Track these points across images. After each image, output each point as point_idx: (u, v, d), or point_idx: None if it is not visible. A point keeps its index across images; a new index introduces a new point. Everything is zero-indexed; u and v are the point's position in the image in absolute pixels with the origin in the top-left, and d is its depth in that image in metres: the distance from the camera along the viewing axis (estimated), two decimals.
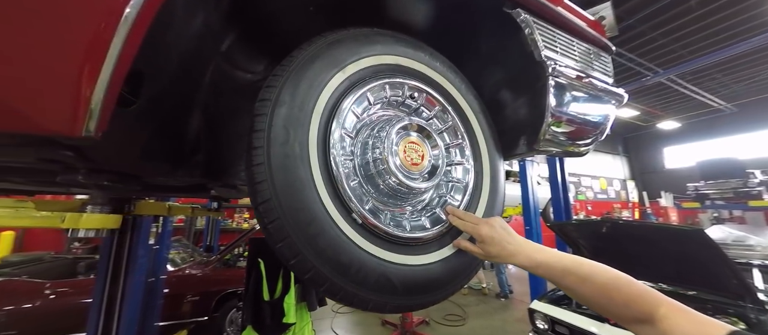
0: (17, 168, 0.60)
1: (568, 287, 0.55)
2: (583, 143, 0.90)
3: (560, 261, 0.56)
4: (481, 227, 0.62)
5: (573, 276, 0.54)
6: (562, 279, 0.55)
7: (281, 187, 0.48)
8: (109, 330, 2.29)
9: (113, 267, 2.34)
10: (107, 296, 2.31)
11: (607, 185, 14.50)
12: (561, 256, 0.57)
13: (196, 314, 3.67)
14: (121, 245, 2.37)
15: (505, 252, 0.59)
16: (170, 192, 1.20)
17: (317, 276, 0.49)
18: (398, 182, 0.60)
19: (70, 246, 5.59)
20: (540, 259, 0.58)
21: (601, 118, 0.88)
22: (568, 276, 0.55)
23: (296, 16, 0.86)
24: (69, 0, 0.37)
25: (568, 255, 0.58)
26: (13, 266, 3.64)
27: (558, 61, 0.77)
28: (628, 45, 7.55)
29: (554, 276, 0.56)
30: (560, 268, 0.56)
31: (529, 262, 0.58)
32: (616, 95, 0.90)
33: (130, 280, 2.41)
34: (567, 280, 0.55)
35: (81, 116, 0.38)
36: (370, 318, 4.74)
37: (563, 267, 0.55)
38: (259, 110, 0.52)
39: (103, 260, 2.36)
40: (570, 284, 0.55)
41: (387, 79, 0.65)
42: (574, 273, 0.54)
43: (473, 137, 0.76)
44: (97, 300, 2.29)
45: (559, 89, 0.76)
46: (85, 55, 0.37)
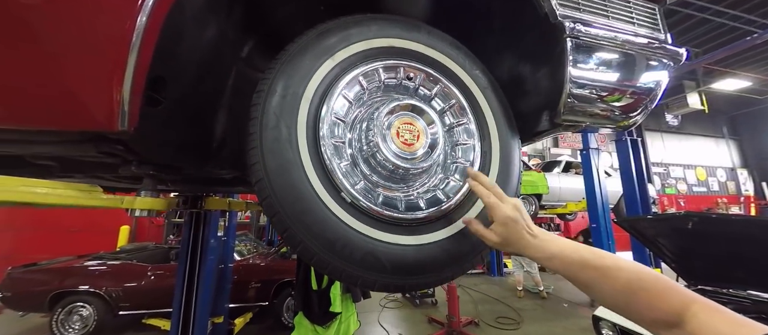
0: (89, 162, 0.78)
1: (586, 283, 0.47)
2: (626, 113, 0.77)
3: (577, 251, 0.48)
4: (505, 205, 0.53)
5: (593, 269, 0.46)
6: (580, 273, 0.47)
7: (271, 168, 0.52)
8: (189, 306, 2.73)
9: (191, 254, 2.78)
10: (187, 278, 2.76)
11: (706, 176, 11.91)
12: (578, 247, 0.49)
13: (259, 299, 4.13)
14: (197, 236, 2.81)
15: (522, 239, 0.51)
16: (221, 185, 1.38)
17: (305, 250, 0.52)
18: (390, 162, 0.60)
19: (167, 238, 6.81)
20: (555, 250, 0.50)
21: (647, 82, 0.74)
22: (587, 269, 0.47)
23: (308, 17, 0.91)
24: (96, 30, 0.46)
25: (585, 245, 0.50)
26: (127, 252, 4.57)
27: (581, 19, 0.67)
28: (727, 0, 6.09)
29: (572, 269, 0.48)
30: (578, 260, 0.47)
31: (542, 253, 0.50)
32: (668, 52, 0.75)
33: (204, 266, 2.84)
34: (586, 274, 0.47)
35: (116, 114, 0.48)
36: (417, 315, 4.72)
37: (581, 259, 0.47)
38: (254, 100, 0.57)
39: (183, 248, 2.83)
40: (589, 279, 0.47)
41: (379, 62, 0.66)
42: (595, 266, 0.46)
43: (480, 114, 0.71)
44: (179, 281, 2.74)
45: (582, 52, 0.67)
46: (113, 68, 0.47)
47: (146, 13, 0.46)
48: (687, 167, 11.67)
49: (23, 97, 0.45)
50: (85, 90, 0.47)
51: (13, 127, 0.47)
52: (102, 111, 0.48)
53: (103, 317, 3.80)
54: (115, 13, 0.45)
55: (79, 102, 0.47)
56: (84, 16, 0.45)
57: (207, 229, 2.86)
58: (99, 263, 4.04)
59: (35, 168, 0.90)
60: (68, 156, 0.79)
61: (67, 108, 0.48)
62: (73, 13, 0.44)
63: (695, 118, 11.15)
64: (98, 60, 0.46)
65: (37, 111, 0.46)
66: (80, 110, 0.48)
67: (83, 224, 6.18)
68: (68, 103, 0.47)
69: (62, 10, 0.44)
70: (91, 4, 0.45)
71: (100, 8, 0.45)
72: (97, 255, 4.25)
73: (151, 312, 3.97)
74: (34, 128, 0.50)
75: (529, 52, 0.81)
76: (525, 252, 0.52)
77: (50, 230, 5.97)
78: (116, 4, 0.46)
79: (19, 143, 0.57)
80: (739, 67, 8.71)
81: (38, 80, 0.45)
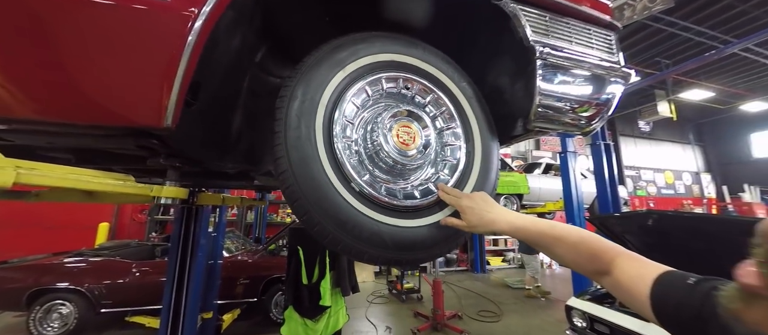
0: (120, 154, 0.85)
1: (545, 247, 0.61)
2: (586, 121, 0.92)
3: (536, 224, 0.62)
4: (461, 199, 0.69)
5: (548, 237, 0.60)
6: (539, 241, 0.61)
7: (294, 161, 0.63)
8: (179, 301, 2.75)
9: (182, 249, 2.79)
10: (177, 273, 2.77)
11: (674, 179, 12.75)
12: (537, 221, 0.63)
13: (247, 295, 4.15)
14: (187, 231, 2.83)
15: (484, 220, 0.65)
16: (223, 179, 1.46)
17: (322, 230, 0.63)
18: (391, 159, 0.72)
19: (149, 235, 6.66)
20: (519, 224, 0.64)
21: (602, 96, 0.90)
22: (544, 237, 0.61)
23: (315, 27, 1.02)
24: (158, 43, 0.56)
25: (544, 220, 0.63)
26: (109, 249, 4.46)
27: (548, 43, 0.82)
28: (697, 16, 6.61)
29: (532, 238, 0.62)
30: (536, 231, 0.61)
31: (509, 227, 0.64)
32: (619, 72, 0.90)
33: (194, 261, 2.86)
34: (544, 241, 0.61)
35: (162, 114, 0.57)
36: (403, 310, 4.87)
37: (539, 230, 0.61)
38: (279, 104, 0.68)
39: (173, 243, 2.84)
40: (546, 244, 0.61)
41: (383, 73, 0.77)
42: (549, 234, 0.60)
43: (465, 120, 0.84)
44: (170, 276, 2.75)
45: (550, 70, 0.81)
46: (166, 75, 0.56)
47: (196, 31, 0.56)
48: (656, 170, 12.46)
49: (92, 97, 0.54)
50: (141, 92, 0.56)
51: (78, 122, 0.56)
52: (153, 110, 0.57)
53: (84, 315, 3.71)
54: (173, 30, 0.55)
55: (135, 102, 0.57)
56: (148, 30, 0.54)
57: (198, 225, 2.88)
58: (80, 260, 3.94)
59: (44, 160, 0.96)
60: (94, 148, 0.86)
61: (124, 106, 0.57)
62: (137, 26, 0.53)
63: (665, 125, 11.92)
64: (156, 69, 0.55)
65: (101, 109, 0.55)
66: (135, 108, 0.57)
67: (61, 221, 5.94)
68: (126, 102, 0.56)
69: (128, 24, 0.53)
70: (154, 22, 0.54)
71: (161, 25, 0.54)
72: (77, 252, 4.14)
73: (135, 309, 3.92)
74: (92, 124, 0.58)
75: (507, 69, 0.95)
76: (493, 228, 0.65)
77: (26, 227, 5.71)
78: (174, 24, 0.55)
79: (72, 136, 0.64)
80: (704, 79, 9.41)
81: (104, 83, 0.54)
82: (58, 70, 0.51)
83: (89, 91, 0.53)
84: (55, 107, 0.52)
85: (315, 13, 0.97)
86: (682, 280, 0.45)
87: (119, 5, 0.52)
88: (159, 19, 0.55)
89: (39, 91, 0.50)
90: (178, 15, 0.55)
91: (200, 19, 0.56)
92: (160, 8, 0.54)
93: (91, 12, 0.51)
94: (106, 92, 0.54)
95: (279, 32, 0.99)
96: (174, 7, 0.55)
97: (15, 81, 0.50)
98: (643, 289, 0.47)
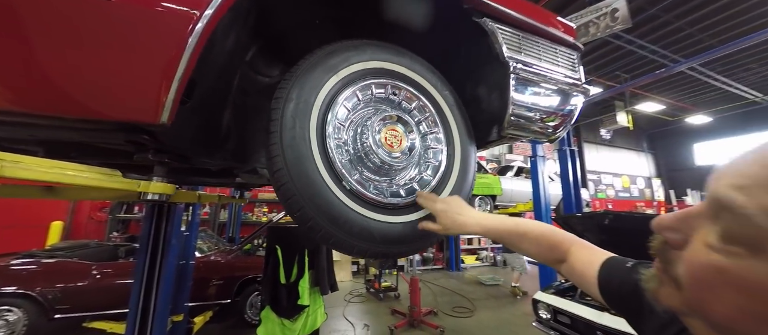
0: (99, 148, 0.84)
1: (512, 244, 0.69)
2: (552, 129, 1.03)
3: (504, 224, 0.69)
4: (436, 203, 0.74)
5: (514, 234, 0.68)
6: (507, 238, 0.69)
7: (290, 160, 0.67)
8: (148, 304, 2.62)
9: (152, 249, 2.66)
10: (147, 274, 2.63)
11: (629, 183, 13.92)
12: (504, 220, 0.70)
13: (220, 296, 4.01)
14: (158, 230, 2.69)
15: (457, 223, 0.71)
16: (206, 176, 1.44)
17: (315, 225, 0.67)
18: (379, 159, 0.77)
19: (110, 235, 6.19)
20: (488, 225, 0.70)
21: (565, 108, 1.01)
22: (511, 235, 0.68)
23: (306, 28, 1.05)
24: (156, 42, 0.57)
25: (511, 218, 0.71)
26: (65, 250, 4.12)
27: (521, 60, 0.91)
28: (651, 36, 7.27)
29: (501, 237, 0.69)
30: (504, 229, 0.69)
31: (479, 228, 0.70)
32: (580, 87, 1.02)
33: (165, 261, 2.73)
34: (511, 238, 0.68)
35: (159, 111, 0.59)
36: (381, 308, 4.94)
37: (506, 228, 0.69)
38: (274, 105, 0.71)
39: (143, 242, 2.69)
40: (513, 241, 0.68)
41: (373, 80, 0.83)
42: (514, 231, 0.68)
43: (447, 126, 0.92)
44: (138, 277, 2.61)
45: (521, 83, 0.90)
46: (164, 74, 0.57)
47: (197, 33, 0.58)
48: (615, 175, 13.54)
49: (90, 91, 0.54)
50: (140, 89, 0.57)
51: (71, 115, 0.56)
52: (150, 107, 0.58)
53: (35, 321, 3.41)
54: (176, 31, 0.56)
55: (133, 98, 0.57)
56: (153, 30, 0.55)
57: (170, 223, 2.75)
58: (30, 261, 3.61)
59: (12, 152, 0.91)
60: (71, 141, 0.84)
61: (121, 102, 0.57)
62: (142, 26, 0.54)
63: (623, 133, 12.98)
64: (157, 67, 0.56)
65: (98, 103, 0.55)
66: (132, 104, 0.58)
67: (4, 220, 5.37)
68: (124, 98, 0.57)
69: (133, 23, 0.54)
70: (160, 23, 0.56)
71: (166, 26, 0.56)
72: (27, 253, 3.78)
73: (95, 314, 3.65)
74: (85, 117, 0.59)
75: (485, 80, 1.04)
76: (465, 229, 0.71)
77: None
78: (177, 25, 0.57)
79: (58, 129, 0.63)
80: (656, 93, 10.37)
81: (104, 78, 0.54)
82: (58, 65, 0.51)
83: (88, 85, 0.54)
84: (52, 101, 0.52)
85: (306, 14, 1.01)
86: (622, 264, 0.55)
87: (124, 4, 0.53)
88: (164, 19, 0.56)
89: (39, 85, 0.50)
90: (182, 17, 0.57)
91: (202, 21, 0.58)
92: (165, 10, 0.56)
93: (95, 10, 0.51)
94: (105, 87, 0.55)
95: (270, 32, 1.01)
96: (178, 9, 0.57)
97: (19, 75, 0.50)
98: (592, 273, 0.56)
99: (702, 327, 0.30)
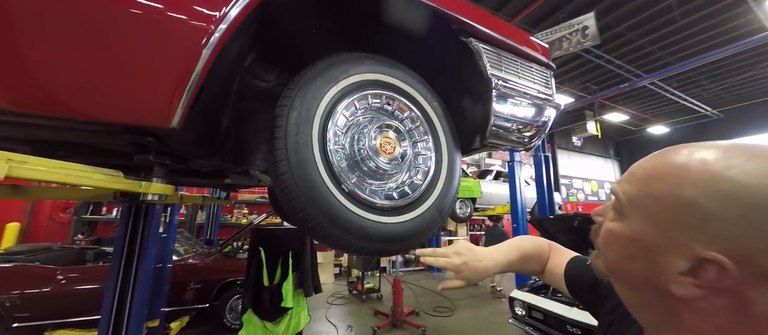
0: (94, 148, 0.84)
1: (520, 269, 0.71)
2: (528, 139, 1.15)
3: (509, 254, 0.69)
4: (452, 259, 0.65)
5: (521, 260, 0.69)
6: (517, 267, 0.70)
7: (293, 163, 0.72)
8: (122, 310, 2.50)
9: (128, 251, 2.55)
10: (122, 278, 2.52)
11: (598, 188, 14.83)
12: (508, 250, 0.69)
13: (198, 301, 3.88)
14: (135, 231, 2.58)
15: (479, 272, 0.65)
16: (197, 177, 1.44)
17: (316, 224, 0.73)
18: (374, 164, 0.84)
19: (74, 238, 5.80)
20: (503, 261, 0.67)
21: (539, 120, 1.13)
22: (519, 263, 0.69)
23: (302, 37, 1.10)
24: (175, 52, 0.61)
25: (509, 245, 0.71)
26: (26, 254, 3.83)
27: (501, 76, 1.01)
28: (618, 52, 7.85)
29: (514, 268, 0.69)
30: (514, 259, 0.68)
31: (497, 268, 0.67)
32: (552, 103, 1.14)
33: (141, 265, 2.63)
34: (520, 265, 0.69)
35: (171, 115, 0.62)
36: (363, 309, 4.97)
37: (515, 258, 0.69)
38: (279, 112, 0.76)
39: (118, 244, 2.57)
40: (523, 266, 0.70)
41: (369, 90, 0.89)
42: (520, 258, 0.69)
43: (436, 134, 1.00)
44: (112, 281, 2.49)
45: (502, 97, 1.00)
46: (179, 82, 0.61)
47: (211, 45, 0.62)
48: (585, 180, 14.39)
49: (108, 95, 0.57)
50: (156, 95, 0.61)
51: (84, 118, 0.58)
52: (163, 112, 0.62)
53: None
54: (193, 42, 0.60)
55: (148, 103, 0.61)
56: (171, 41, 0.59)
57: (148, 225, 2.65)
58: None
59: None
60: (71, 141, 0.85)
61: (136, 106, 0.60)
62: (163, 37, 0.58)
63: (592, 141, 13.86)
64: (174, 75, 0.60)
65: (113, 107, 0.58)
66: (146, 108, 0.61)
67: None
68: (139, 103, 0.60)
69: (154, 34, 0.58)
70: (178, 34, 0.59)
71: (185, 37, 0.60)
72: None
73: (58, 321, 3.42)
74: (96, 120, 0.61)
75: (469, 93, 1.14)
76: (487, 275, 0.66)
77: None
78: (195, 37, 0.61)
79: (64, 129, 0.64)
80: (622, 104, 11.18)
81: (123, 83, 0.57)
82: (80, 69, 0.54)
83: (108, 91, 0.57)
84: (68, 103, 0.54)
85: (302, 25, 1.06)
86: (583, 261, 0.65)
87: (147, 17, 0.56)
88: (183, 32, 0.60)
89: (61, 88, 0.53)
90: (199, 30, 0.61)
91: (216, 33, 0.63)
92: (185, 23, 0.60)
93: (119, 22, 0.55)
94: (123, 93, 0.58)
95: (269, 39, 1.05)
96: (196, 23, 0.61)
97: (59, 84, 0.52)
98: (560, 272, 0.66)
99: (617, 287, 0.40)
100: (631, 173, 0.38)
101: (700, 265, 0.30)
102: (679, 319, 0.33)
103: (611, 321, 0.51)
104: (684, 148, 0.34)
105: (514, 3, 5.99)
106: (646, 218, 0.34)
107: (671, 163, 0.34)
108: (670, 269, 0.31)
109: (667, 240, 0.32)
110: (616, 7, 6.13)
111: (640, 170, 0.37)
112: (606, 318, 0.53)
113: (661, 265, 0.32)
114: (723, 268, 0.28)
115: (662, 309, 0.34)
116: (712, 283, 0.29)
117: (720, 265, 0.28)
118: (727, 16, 6.40)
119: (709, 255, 0.29)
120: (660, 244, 0.32)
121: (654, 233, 0.33)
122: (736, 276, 0.28)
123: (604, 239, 0.38)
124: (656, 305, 0.35)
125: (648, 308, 0.36)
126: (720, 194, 0.29)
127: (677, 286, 0.31)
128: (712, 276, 0.29)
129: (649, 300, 0.35)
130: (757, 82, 9.57)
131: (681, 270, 0.31)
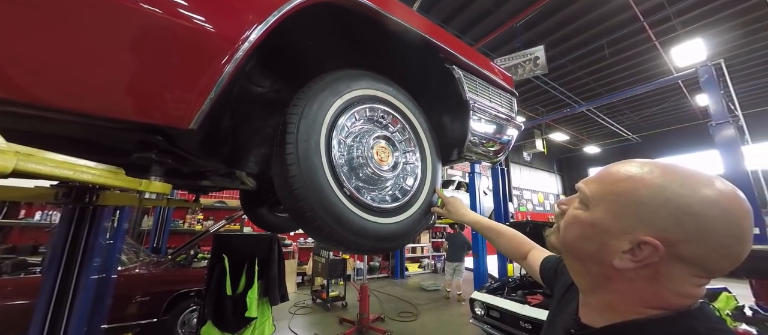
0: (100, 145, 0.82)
1: (491, 238, 0.97)
2: (495, 153, 1.34)
3: (487, 221, 1.02)
4: (445, 193, 1.08)
5: (493, 231, 0.97)
6: (489, 233, 0.97)
7: (304, 167, 0.79)
8: (56, 328, 2.19)
9: (67, 260, 2.25)
10: (57, 292, 2.21)
11: (544, 199, 16.46)
12: (488, 220, 1.02)
13: (144, 315, 3.52)
14: (77, 237, 2.30)
15: (460, 212, 1.04)
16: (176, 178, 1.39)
17: (322, 223, 0.80)
18: (371, 171, 0.94)
19: None
20: (479, 219, 1.02)
21: (505, 138, 1.33)
22: (492, 231, 0.97)
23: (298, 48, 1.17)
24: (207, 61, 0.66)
25: (489, 219, 1.02)
26: None
27: (477, 100, 1.19)
28: (562, 80, 8.96)
29: (482, 230, 1.00)
30: (488, 226, 0.99)
31: (473, 220, 1.03)
32: (516, 124, 1.35)
33: (83, 276, 2.33)
34: (491, 233, 0.97)
35: (192, 117, 0.67)
36: (328, 318, 4.90)
37: (489, 225, 1.00)
38: (290, 120, 0.82)
39: (55, 253, 2.26)
40: (493, 236, 0.97)
41: (368, 104, 1.00)
42: (494, 229, 0.97)
43: (422, 146, 1.14)
44: (46, 294, 2.18)
45: (477, 117, 1.18)
46: (204, 89, 0.66)
47: (237, 60, 0.68)
48: (533, 191, 15.90)
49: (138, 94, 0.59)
50: (182, 98, 0.64)
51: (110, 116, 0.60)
52: (185, 114, 0.66)
53: None
54: (223, 54, 0.66)
55: (172, 105, 0.64)
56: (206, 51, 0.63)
57: (93, 230, 2.38)
58: None
59: None
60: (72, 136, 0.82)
61: (159, 107, 0.63)
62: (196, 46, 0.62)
63: (539, 157, 15.45)
64: (202, 82, 0.65)
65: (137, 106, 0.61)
66: (168, 110, 0.64)
67: None
68: (164, 104, 0.63)
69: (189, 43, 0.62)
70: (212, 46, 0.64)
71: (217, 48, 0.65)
72: None
73: None
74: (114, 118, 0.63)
75: (449, 112, 1.30)
76: (464, 219, 1.04)
77: None
78: (226, 49, 0.66)
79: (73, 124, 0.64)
80: (563, 126, 12.72)
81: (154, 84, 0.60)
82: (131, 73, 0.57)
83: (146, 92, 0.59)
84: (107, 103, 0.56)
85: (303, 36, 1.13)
86: (553, 257, 0.82)
87: (188, 28, 0.61)
88: (216, 48, 0.65)
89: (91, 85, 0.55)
90: (229, 47, 0.67)
91: (239, 52, 0.69)
92: (218, 40, 0.66)
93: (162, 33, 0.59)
94: (158, 94, 0.61)
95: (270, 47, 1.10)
96: (226, 41, 0.67)
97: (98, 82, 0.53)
98: (537, 265, 0.83)
99: (567, 259, 0.54)
100: (600, 176, 0.49)
101: (638, 246, 0.41)
102: (610, 283, 0.47)
103: (563, 292, 0.67)
104: (638, 162, 0.47)
105: (477, 29, 6.58)
106: (607, 210, 0.44)
107: (631, 172, 0.45)
108: (615, 248, 0.43)
109: (620, 227, 0.43)
110: (561, 41, 7.06)
111: (607, 174, 0.48)
112: (560, 291, 0.69)
113: (609, 245, 0.44)
114: (655, 249, 0.40)
115: (600, 277, 0.48)
116: (643, 259, 0.41)
117: (653, 247, 0.40)
118: (644, 58, 7.73)
119: (649, 239, 0.40)
120: (613, 229, 0.43)
121: (610, 221, 0.44)
122: (662, 255, 0.40)
123: (569, 221, 0.50)
124: (595, 274, 0.48)
125: (588, 275, 0.50)
126: (663, 199, 0.41)
127: (618, 260, 0.43)
128: (646, 254, 0.41)
129: (591, 270, 0.49)
130: (668, 114, 11.60)
131: (624, 249, 0.42)
